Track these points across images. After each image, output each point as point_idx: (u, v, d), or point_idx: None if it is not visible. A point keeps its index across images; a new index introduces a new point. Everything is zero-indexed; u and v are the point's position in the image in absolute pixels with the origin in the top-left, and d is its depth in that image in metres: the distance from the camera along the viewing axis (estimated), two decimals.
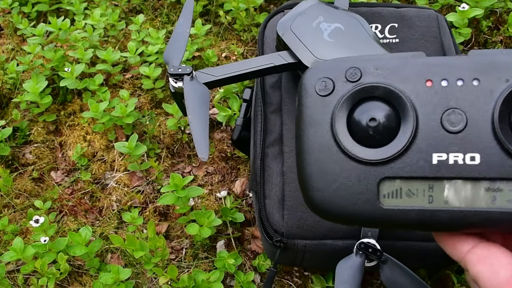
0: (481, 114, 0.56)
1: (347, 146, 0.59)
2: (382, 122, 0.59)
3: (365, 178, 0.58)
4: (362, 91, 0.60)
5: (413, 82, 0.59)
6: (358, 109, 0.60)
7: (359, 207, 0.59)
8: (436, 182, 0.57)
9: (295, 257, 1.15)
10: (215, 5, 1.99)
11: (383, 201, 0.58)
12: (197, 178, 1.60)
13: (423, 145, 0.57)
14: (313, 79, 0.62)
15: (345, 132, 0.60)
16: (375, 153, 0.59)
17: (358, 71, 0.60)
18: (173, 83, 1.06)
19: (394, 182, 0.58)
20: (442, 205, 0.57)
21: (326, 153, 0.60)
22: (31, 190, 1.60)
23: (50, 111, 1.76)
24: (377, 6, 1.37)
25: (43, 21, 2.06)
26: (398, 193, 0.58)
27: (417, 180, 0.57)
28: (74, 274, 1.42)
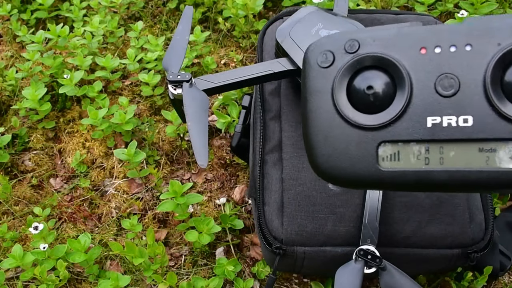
0: (474, 77, 0.59)
1: (347, 113, 0.63)
2: (378, 89, 0.62)
3: (364, 142, 0.62)
4: (359, 61, 0.64)
5: (408, 50, 0.62)
6: (357, 78, 0.64)
7: (359, 170, 0.62)
8: (432, 144, 0.60)
9: (294, 264, 1.15)
10: (214, 12, 1.99)
11: (382, 164, 0.62)
12: (196, 185, 1.60)
13: (418, 110, 0.60)
14: (315, 53, 0.66)
15: (345, 100, 0.64)
16: (373, 118, 0.62)
17: (356, 42, 0.64)
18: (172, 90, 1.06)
19: (392, 145, 0.61)
20: (438, 166, 0.60)
21: (328, 121, 0.63)
22: (30, 197, 1.60)
23: (49, 118, 1.76)
24: (376, 13, 1.37)
25: (42, 28, 2.06)
26: (396, 156, 0.61)
27: (413, 142, 0.60)
28: (73, 281, 1.42)
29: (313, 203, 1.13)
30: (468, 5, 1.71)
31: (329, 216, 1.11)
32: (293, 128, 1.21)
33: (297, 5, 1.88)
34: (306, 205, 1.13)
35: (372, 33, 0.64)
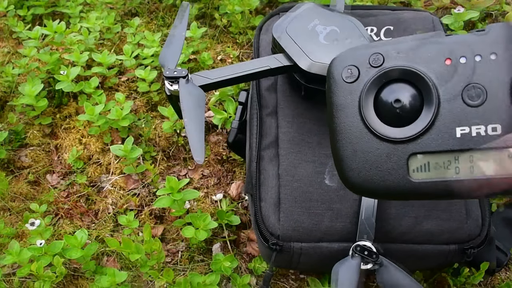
0: (500, 86, 0.59)
1: (375, 127, 0.63)
2: (406, 102, 0.63)
3: (394, 155, 0.63)
4: (385, 75, 0.64)
5: (433, 62, 0.62)
6: (383, 91, 0.64)
7: (390, 182, 0.63)
8: (461, 154, 0.60)
9: (291, 259, 1.15)
10: (210, 8, 1.99)
11: (413, 175, 0.62)
12: (193, 181, 1.60)
13: (446, 121, 0.60)
14: (339, 68, 0.66)
15: (373, 114, 0.64)
16: (402, 131, 0.63)
17: (380, 56, 0.64)
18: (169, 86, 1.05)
19: (422, 157, 0.62)
20: (468, 175, 0.60)
21: (356, 135, 0.64)
22: (27, 193, 1.60)
23: (46, 114, 1.76)
24: (373, 9, 1.38)
25: (39, 24, 2.05)
26: (426, 166, 0.62)
27: (443, 153, 0.61)
28: (70, 277, 1.42)
29: (310, 199, 1.13)
30: (465, 1, 1.71)
31: (325, 212, 1.11)
32: (289, 124, 1.21)
33: (294, 1, 1.88)
34: (302, 201, 1.13)
35: (395, 46, 0.64)
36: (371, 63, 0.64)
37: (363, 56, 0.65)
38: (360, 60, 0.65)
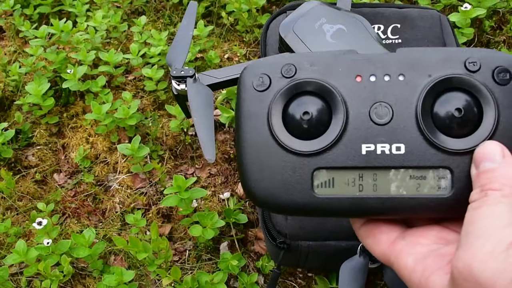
0: (406, 107, 0.60)
1: (282, 138, 0.62)
2: (314, 115, 0.62)
3: (299, 168, 0.62)
4: (296, 86, 0.63)
5: (344, 77, 0.62)
6: (293, 103, 0.63)
7: (294, 196, 0.62)
8: (366, 171, 0.61)
9: (299, 258, 1.15)
10: (217, 6, 1.98)
11: (317, 190, 0.61)
12: (200, 180, 1.60)
13: (353, 137, 0.61)
14: (251, 75, 0.65)
15: (281, 125, 0.63)
16: (308, 145, 0.62)
17: (293, 67, 0.64)
18: (176, 85, 1.05)
19: (327, 172, 0.61)
20: (371, 192, 0.60)
21: (263, 145, 0.63)
22: (34, 192, 1.60)
23: (53, 113, 1.76)
24: (380, 7, 1.37)
25: (45, 23, 2.05)
26: (331, 182, 0.61)
27: (348, 169, 0.61)
28: (77, 276, 1.42)
29: None
30: None
31: None
32: None
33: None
34: None
35: (309, 58, 0.64)
36: (283, 73, 0.63)
37: (276, 65, 0.64)
38: (273, 69, 0.64)
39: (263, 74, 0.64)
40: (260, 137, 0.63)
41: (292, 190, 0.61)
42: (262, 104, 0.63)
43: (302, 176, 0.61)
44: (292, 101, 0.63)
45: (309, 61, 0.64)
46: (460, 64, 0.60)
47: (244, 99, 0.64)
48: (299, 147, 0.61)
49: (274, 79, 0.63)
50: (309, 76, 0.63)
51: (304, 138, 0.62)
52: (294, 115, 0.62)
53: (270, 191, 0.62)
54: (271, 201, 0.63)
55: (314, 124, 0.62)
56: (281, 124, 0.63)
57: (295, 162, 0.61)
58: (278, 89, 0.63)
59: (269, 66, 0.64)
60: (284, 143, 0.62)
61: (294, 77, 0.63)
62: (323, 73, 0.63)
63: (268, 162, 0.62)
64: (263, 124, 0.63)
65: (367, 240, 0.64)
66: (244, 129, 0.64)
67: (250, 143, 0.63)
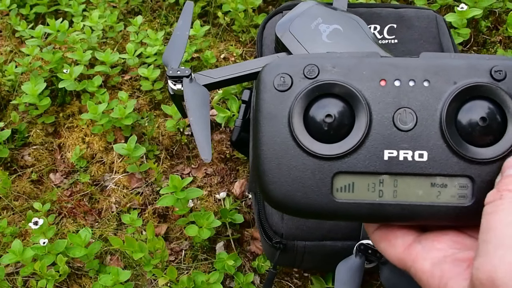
0: (430, 113, 0.59)
1: (303, 140, 0.61)
2: (337, 119, 0.61)
3: (319, 172, 0.61)
4: (319, 87, 0.62)
5: (368, 81, 0.61)
6: (315, 105, 0.62)
7: (313, 200, 0.61)
8: (386, 177, 0.60)
9: (295, 258, 1.15)
10: (213, 6, 1.98)
11: (336, 195, 0.60)
12: (196, 180, 1.60)
13: (376, 142, 0.60)
14: (272, 75, 0.63)
15: (302, 127, 0.62)
16: (329, 148, 0.61)
17: (316, 68, 0.62)
18: (172, 85, 1.05)
19: (347, 176, 0.60)
20: (391, 198, 0.60)
21: (282, 147, 0.62)
22: (30, 192, 1.60)
23: (49, 113, 1.76)
24: (376, 7, 1.37)
25: (42, 23, 2.05)
26: (351, 187, 0.61)
27: (369, 175, 0.60)
28: (73, 276, 1.42)
29: None
30: None
31: None
32: None
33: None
34: None
35: (332, 60, 0.63)
36: (306, 74, 0.62)
37: (298, 65, 0.63)
38: (295, 70, 0.63)
39: (285, 74, 0.63)
40: (280, 138, 0.62)
41: (311, 194, 0.61)
42: (283, 105, 0.62)
43: (322, 180, 0.60)
44: (314, 103, 0.62)
45: (332, 63, 0.63)
46: (486, 72, 0.59)
47: (264, 99, 0.63)
48: (320, 150, 0.61)
49: (296, 80, 0.63)
50: (332, 78, 0.62)
51: (326, 141, 0.61)
52: (316, 118, 0.62)
53: (289, 194, 0.61)
54: (289, 204, 0.62)
55: (336, 127, 0.61)
56: (303, 126, 0.62)
57: (315, 165, 0.61)
58: (300, 90, 0.62)
59: (290, 66, 0.63)
60: (305, 146, 0.61)
61: (317, 78, 0.62)
62: (346, 75, 0.62)
63: (288, 165, 0.61)
64: (283, 125, 0.62)
65: (381, 244, 0.64)
66: (264, 131, 0.63)
67: (269, 144, 0.62)
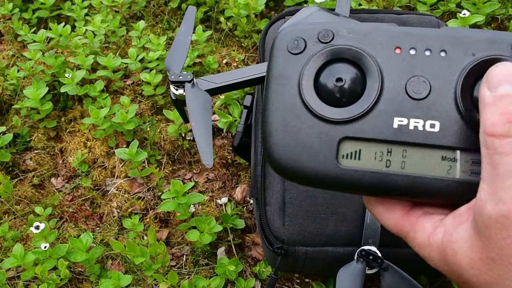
0: (445, 84, 0.58)
1: (311, 103, 0.60)
2: (348, 83, 0.60)
3: (326, 135, 0.60)
4: (332, 51, 0.61)
5: (383, 48, 0.61)
6: (326, 69, 0.62)
7: (317, 164, 0.60)
8: (395, 146, 0.59)
9: (296, 264, 1.15)
10: (216, 12, 1.99)
11: (341, 161, 0.59)
12: (198, 185, 1.60)
13: (386, 108, 0.59)
14: (286, 38, 0.63)
15: (311, 90, 0.61)
16: (338, 112, 0.60)
17: (330, 33, 0.62)
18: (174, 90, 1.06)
19: (354, 142, 0.59)
20: (398, 169, 0.58)
21: (290, 108, 0.61)
22: (32, 196, 1.60)
23: (51, 118, 1.76)
24: (378, 13, 1.37)
25: (44, 27, 2.06)
26: (357, 154, 0.59)
27: (377, 142, 0.59)
28: (74, 281, 1.42)
29: (315, 203, 1.12)
30: (470, 5, 1.71)
31: (330, 216, 1.11)
32: None
33: (299, 4, 1.88)
34: (307, 205, 1.12)
35: (348, 26, 0.62)
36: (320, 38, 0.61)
37: (313, 30, 0.63)
38: (309, 34, 0.62)
39: (299, 37, 0.63)
40: (288, 99, 0.61)
41: (316, 158, 0.60)
42: (294, 67, 0.62)
43: (328, 144, 0.59)
44: (326, 67, 0.62)
45: (348, 28, 0.62)
46: (507, 46, 0.58)
47: (275, 61, 0.63)
48: (328, 113, 0.60)
49: (310, 43, 0.62)
50: (347, 43, 0.61)
51: (334, 105, 0.60)
52: (327, 81, 0.61)
53: (293, 157, 0.60)
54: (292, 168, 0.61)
55: (346, 91, 0.60)
56: (312, 89, 0.61)
57: (322, 128, 0.60)
58: (313, 53, 0.62)
59: (305, 30, 0.63)
60: (313, 108, 0.60)
61: (331, 42, 0.62)
62: (361, 41, 0.61)
63: (294, 126, 0.61)
64: (293, 87, 0.61)
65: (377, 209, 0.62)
66: (273, 91, 0.63)
67: (277, 105, 0.62)
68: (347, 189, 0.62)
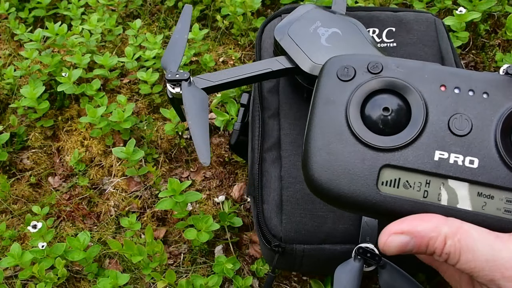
0: (486, 124, 0.60)
1: (357, 128, 0.62)
2: (394, 113, 0.62)
3: (368, 161, 0.61)
4: (380, 82, 0.64)
5: (429, 84, 0.63)
6: (374, 98, 0.64)
7: (357, 188, 0.61)
8: (434, 178, 0.60)
9: (294, 262, 1.15)
10: (212, 10, 1.99)
11: (381, 188, 0.61)
12: (195, 183, 1.60)
13: (428, 141, 0.61)
14: (336, 65, 0.66)
15: (358, 116, 0.63)
16: (382, 140, 0.62)
17: (380, 65, 0.65)
18: (171, 88, 1.05)
19: (395, 171, 0.61)
20: (435, 201, 0.60)
21: (336, 132, 0.63)
22: (29, 195, 1.60)
23: (48, 117, 1.76)
24: (375, 10, 1.37)
25: (40, 26, 2.06)
26: (396, 182, 0.61)
27: (417, 173, 0.60)
28: (72, 280, 1.42)
29: (312, 201, 1.12)
30: (467, 2, 1.71)
31: (328, 214, 1.11)
32: (291, 126, 1.21)
33: (295, 2, 1.88)
34: (305, 203, 1.12)
35: (396, 61, 0.65)
36: (369, 69, 0.64)
37: (363, 60, 0.65)
38: (359, 63, 0.65)
39: (349, 66, 0.65)
40: (334, 123, 0.63)
41: (356, 182, 0.61)
42: (342, 93, 0.64)
43: (370, 170, 0.61)
44: (373, 96, 0.64)
45: (396, 63, 0.65)
46: None
47: (324, 86, 0.65)
48: (372, 140, 0.62)
49: (359, 72, 0.64)
50: (395, 75, 0.64)
51: (379, 133, 0.62)
52: (373, 109, 0.63)
53: (333, 179, 0.62)
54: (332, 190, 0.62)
55: (392, 121, 0.62)
56: (359, 115, 0.63)
57: (365, 154, 0.61)
58: (362, 82, 0.64)
59: (355, 60, 0.66)
60: (358, 134, 0.62)
61: (380, 74, 0.64)
62: (408, 76, 0.63)
63: (338, 149, 0.62)
64: (340, 111, 0.63)
65: None
66: (319, 113, 0.64)
67: (322, 127, 0.63)
68: (384, 215, 0.63)
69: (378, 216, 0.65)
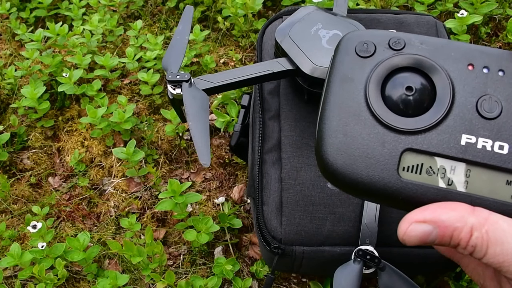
0: None
1: (377, 109, 0.58)
2: (418, 92, 0.58)
3: (389, 144, 0.57)
4: (403, 59, 0.60)
5: (456, 62, 0.59)
6: (396, 76, 0.60)
7: (376, 174, 0.57)
8: (460, 164, 0.56)
9: (293, 263, 1.15)
10: (213, 11, 1.99)
11: (402, 174, 0.57)
12: (195, 184, 1.60)
13: (455, 124, 0.57)
14: (354, 41, 0.61)
15: (378, 95, 0.59)
16: (404, 121, 0.58)
17: (402, 41, 0.60)
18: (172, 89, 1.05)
19: (417, 156, 0.57)
20: (461, 189, 0.56)
21: (353, 112, 0.59)
22: (29, 195, 1.60)
23: (48, 117, 1.76)
24: (376, 13, 1.37)
25: (41, 26, 2.06)
26: (419, 168, 0.57)
27: (441, 158, 0.56)
28: (71, 280, 1.42)
29: (312, 202, 1.12)
30: (468, 5, 1.71)
31: (328, 216, 1.11)
32: (292, 127, 1.21)
33: (296, 4, 1.88)
34: (305, 204, 1.12)
35: (419, 37, 0.61)
36: (391, 45, 0.59)
37: (384, 36, 0.61)
38: (380, 39, 0.61)
39: (369, 41, 0.61)
40: (352, 102, 0.59)
41: (375, 167, 0.57)
42: (362, 70, 0.60)
43: (390, 154, 0.57)
44: (395, 74, 0.60)
45: (420, 39, 0.61)
46: None
47: (341, 62, 0.61)
48: (394, 121, 0.57)
49: (380, 48, 0.60)
50: (419, 52, 0.59)
51: (401, 114, 0.58)
52: (395, 88, 0.59)
53: (350, 163, 0.57)
54: (348, 174, 0.57)
55: (415, 101, 0.58)
56: (379, 95, 0.59)
57: (386, 137, 0.57)
58: (383, 59, 0.60)
59: (376, 35, 0.61)
60: (379, 114, 0.57)
61: (402, 50, 0.60)
62: (433, 53, 0.59)
63: (356, 131, 0.58)
64: (359, 90, 0.59)
65: None
66: (335, 92, 0.60)
67: (339, 107, 0.59)
68: (404, 204, 0.59)
69: (397, 205, 0.59)
